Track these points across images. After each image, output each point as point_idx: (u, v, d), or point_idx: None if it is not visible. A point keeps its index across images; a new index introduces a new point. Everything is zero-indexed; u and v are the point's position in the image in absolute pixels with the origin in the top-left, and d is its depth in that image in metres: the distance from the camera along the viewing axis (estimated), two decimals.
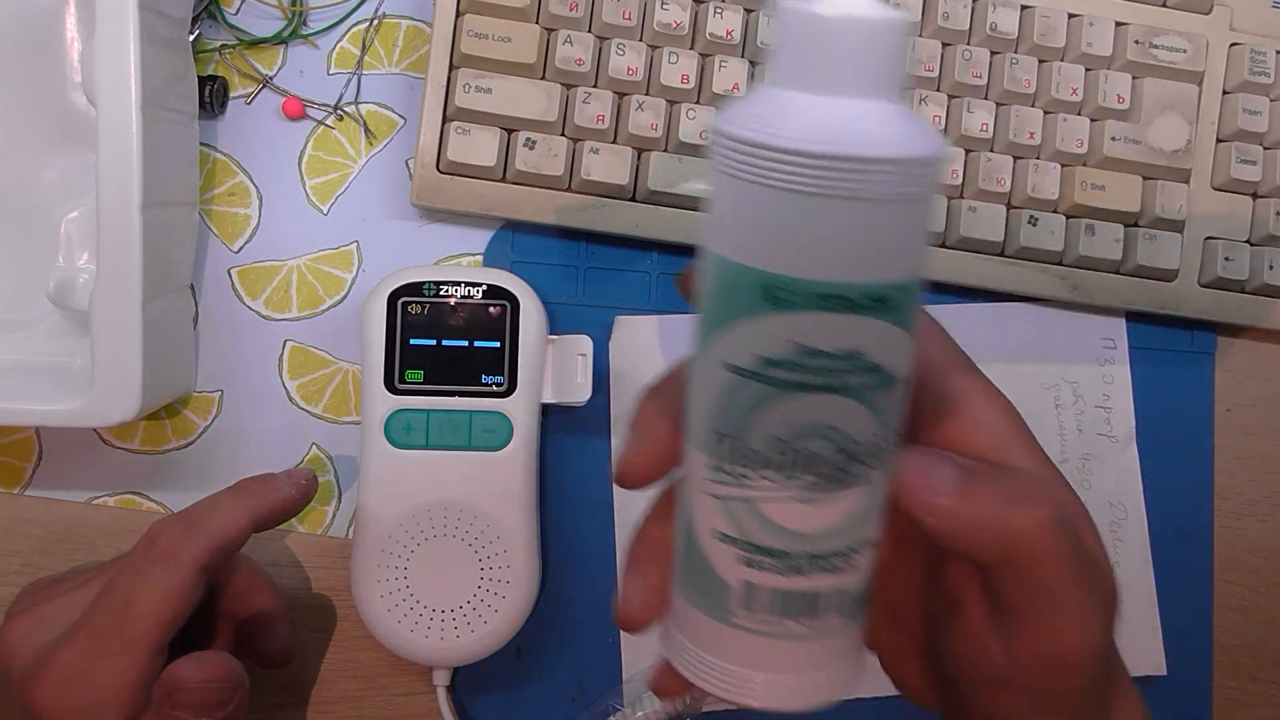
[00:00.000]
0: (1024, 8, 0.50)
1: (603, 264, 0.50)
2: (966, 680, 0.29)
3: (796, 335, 0.24)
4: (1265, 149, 0.51)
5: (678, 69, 0.48)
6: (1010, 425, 0.29)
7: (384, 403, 0.45)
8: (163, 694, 0.38)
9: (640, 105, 0.47)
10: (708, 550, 0.28)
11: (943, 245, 0.50)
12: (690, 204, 0.48)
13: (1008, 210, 0.50)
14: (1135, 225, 0.51)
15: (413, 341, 0.45)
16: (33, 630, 0.39)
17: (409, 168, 0.50)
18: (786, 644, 0.28)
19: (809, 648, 0.28)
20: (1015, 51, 0.50)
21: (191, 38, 0.48)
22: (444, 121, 0.47)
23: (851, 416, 0.25)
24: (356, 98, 0.50)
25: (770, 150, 0.23)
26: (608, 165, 0.48)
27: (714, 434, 0.26)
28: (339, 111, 0.50)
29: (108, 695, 0.37)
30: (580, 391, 0.45)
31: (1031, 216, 0.50)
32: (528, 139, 0.47)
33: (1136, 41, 0.50)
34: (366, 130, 0.50)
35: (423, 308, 0.45)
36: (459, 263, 0.50)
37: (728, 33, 0.48)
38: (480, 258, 0.50)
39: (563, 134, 0.48)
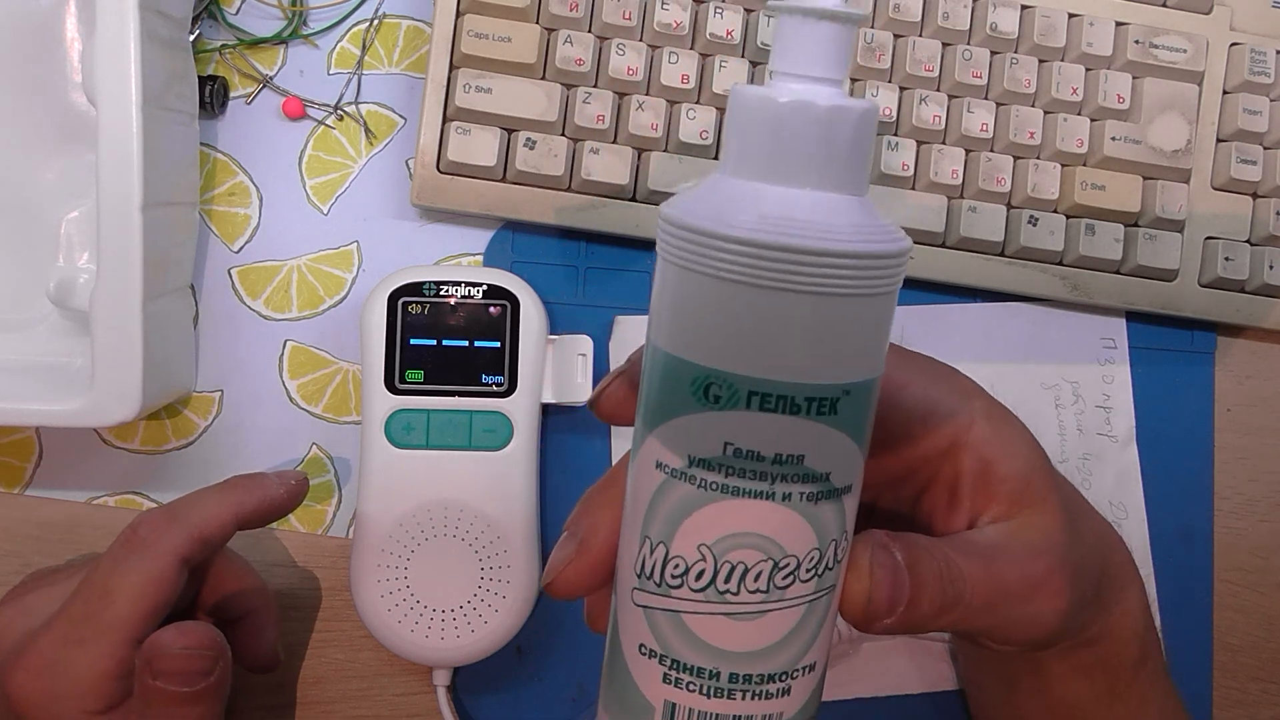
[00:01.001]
0: (1024, 8, 0.50)
1: (603, 264, 0.50)
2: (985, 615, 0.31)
3: (730, 435, 0.23)
4: (1265, 149, 0.51)
5: (678, 69, 0.48)
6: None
7: (384, 402, 0.45)
8: (143, 663, 0.37)
9: (640, 105, 0.47)
10: (631, 665, 0.26)
11: (943, 245, 0.50)
12: None
13: (1008, 210, 0.50)
14: (1135, 225, 0.51)
15: (413, 341, 0.45)
16: (16, 618, 0.40)
17: (409, 168, 0.50)
18: None
19: None
20: (1015, 51, 0.50)
21: (191, 38, 0.48)
22: (444, 121, 0.47)
23: (788, 527, 0.24)
24: (357, 98, 0.50)
25: (711, 237, 0.22)
26: (608, 165, 0.48)
27: (643, 538, 0.25)
28: (339, 111, 0.50)
29: (82, 683, 0.37)
30: (580, 391, 0.45)
31: (1031, 216, 0.50)
32: (528, 139, 0.47)
33: (1136, 41, 0.50)
34: (367, 130, 0.50)
35: (423, 308, 0.45)
36: (459, 263, 0.50)
37: (728, 33, 0.48)
38: (480, 258, 0.50)
39: (563, 134, 0.48)
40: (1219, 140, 0.51)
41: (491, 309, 0.46)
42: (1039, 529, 0.31)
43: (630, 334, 0.50)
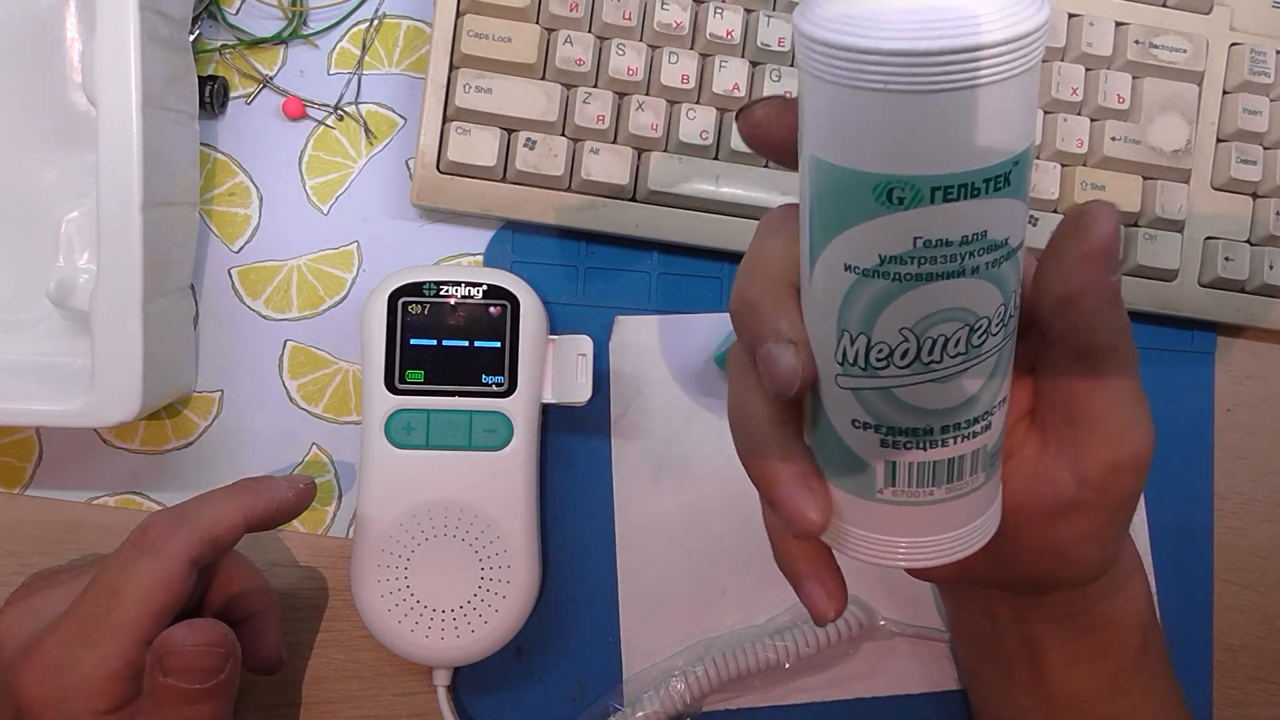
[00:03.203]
0: None
1: (603, 264, 0.50)
2: (1025, 517, 0.32)
3: (921, 230, 0.24)
4: (1265, 149, 0.51)
5: (678, 69, 0.48)
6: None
7: (384, 402, 0.45)
8: (154, 661, 0.37)
9: (640, 105, 0.47)
10: (847, 438, 0.28)
11: None
12: (690, 204, 0.48)
13: None
14: (1135, 225, 0.51)
15: (413, 341, 0.45)
16: (23, 619, 0.40)
17: (409, 168, 0.50)
18: (930, 508, 0.28)
19: (951, 506, 0.29)
20: None
21: (191, 38, 0.48)
22: (444, 121, 0.47)
23: (978, 294, 0.25)
24: (357, 98, 0.50)
25: (876, 54, 0.22)
26: (608, 165, 0.48)
27: (841, 332, 0.26)
28: (339, 111, 0.50)
29: (90, 684, 0.37)
30: (580, 391, 0.45)
31: (1031, 216, 0.50)
32: (528, 139, 0.47)
33: (1136, 41, 0.50)
34: (367, 130, 0.50)
35: (423, 308, 0.45)
36: (459, 263, 0.50)
37: (728, 33, 0.48)
38: (480, 258, 0.50)
39: (563, 134, 0.48)
40: (1219, 140, 0.51)
41: (491, 309, 0.46)
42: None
43: (630, 334, 0.50)
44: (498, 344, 0.46)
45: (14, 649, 0.39)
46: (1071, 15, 0.50)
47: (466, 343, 0.46)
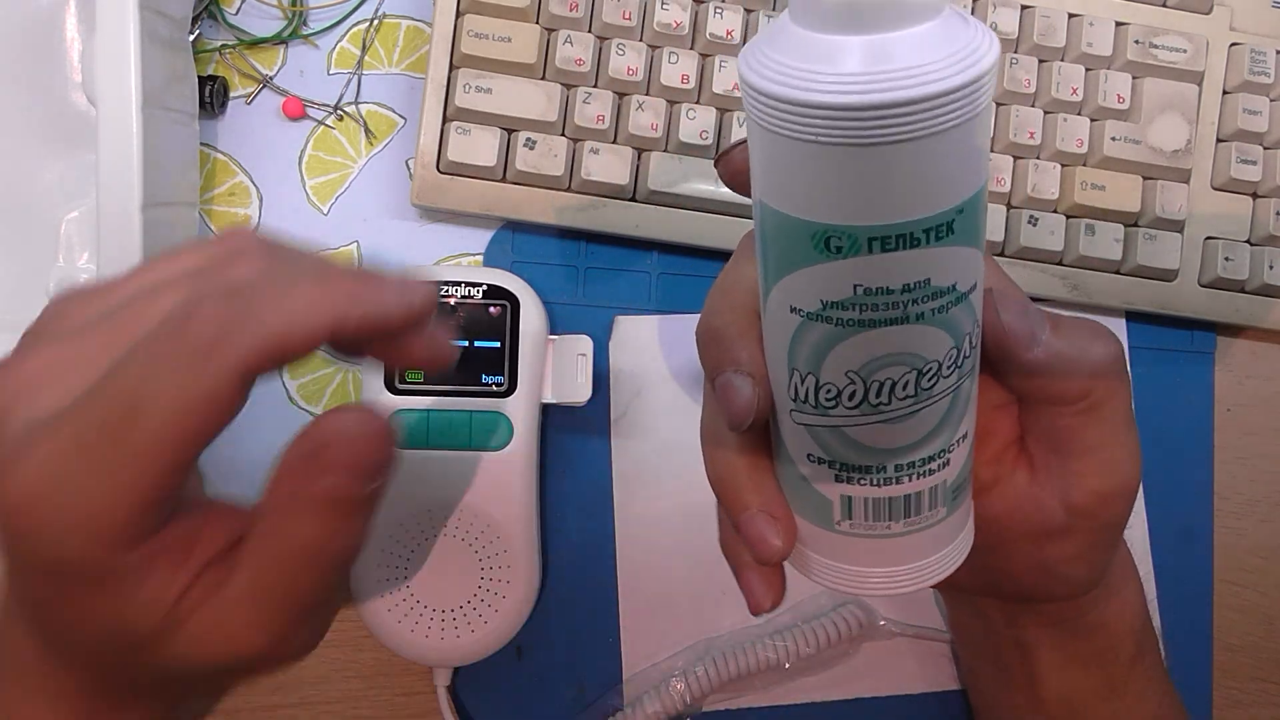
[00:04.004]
0: (1024, 8, 0.50)
1: (603, 264, 0.50)
2: (1013, 541, 0.32)
3: (860, 279, 0.24)
4: (1265, 149, 0.51)
5: (678, 69, 0.48)
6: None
7: (384, 403, 0.45)
8: (307, 452, 0.28)
9: (640, 105, 0.47)
10: (804, 470, 0.28)
11: None
12: (690, 204, 0.48)
13: (1007, 210, 0.50)
14: (1135, 225, 0.51)
15: None
16: (46, 380, 0.27)
17: (409, 168, 0.50)
18: (889, 540, 0.28)
19: (911, 540, 0.29)
20: (1015, 51, 0.50)
21: (191, 38, 0.48)
22: (444, 121, 0.47)
23: (924, 340, 0.25)
24: (357, 98, 0.50)
25: (811, 108, 0.21)
26: (608, 165, 0.48)
27: (791, 370, 0.26)
28: (339, 111, 0.50)
29: (98, 522, 0.26)
30: (580, 391, 0.45)
31: (1031, 216, 0.50)
32: (528, 139, 0.47)
33: (1136, 41, 0.50)
34: (366, 130, 0.50)
35: None
36: (459, 263, 0.50)
37: (728, 33, 0.48)
38: (480, 258, 0.50)
39: (563, 134, 0.48)
40: (1219, 140, 0.51)
41: (491, 309, 0.46)
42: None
43: (630, 334, 0.50)
44: (497, 344, 0.46)
45: (15, 431, 0.26)
46: (1071, 15, 0.50)
47: (466, 343, 0.46)
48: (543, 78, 0.48)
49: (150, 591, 0.26)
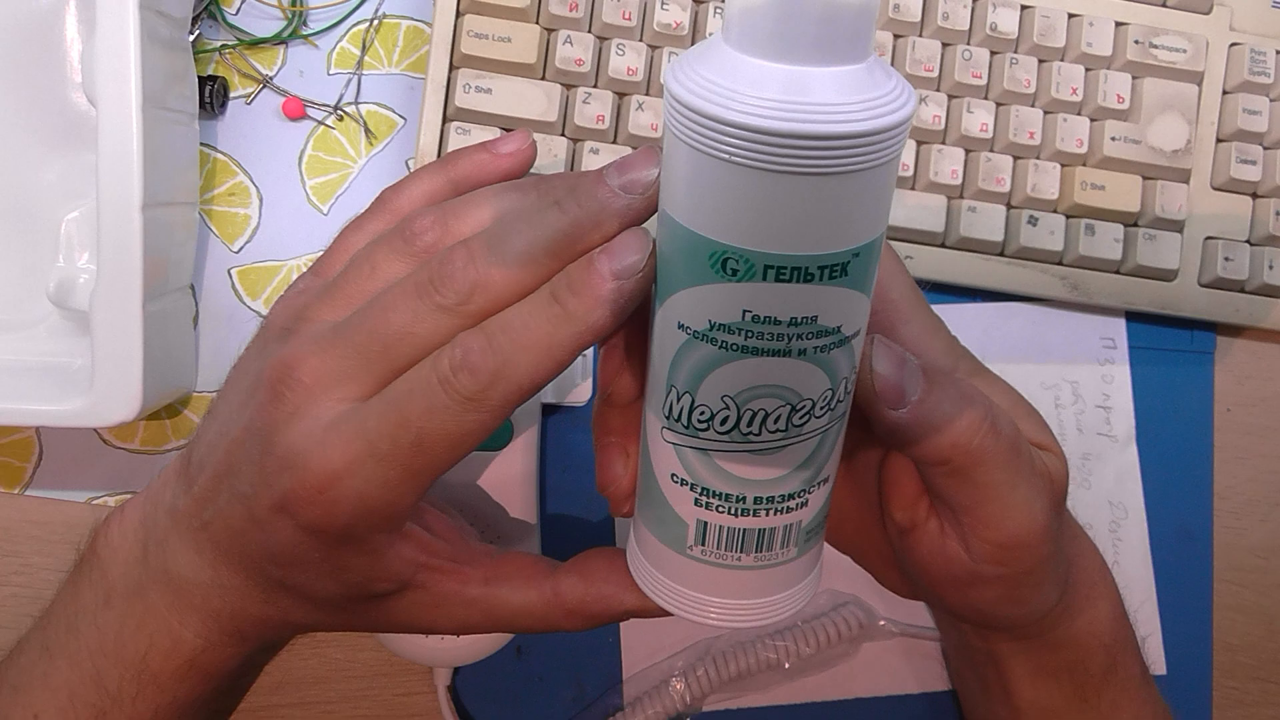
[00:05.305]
0: (1024, 8, 0.50)
1: None
2: (937, 583, 0.32)
3: (750, 305, 0.24)
4: (1265, 149, 0.51)
5: None
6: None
7: None
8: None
9: (640, 105, 0.47)
10: (665, 489, 0.28)
11: (943, 245, 0.50)
12: None
13: (1008, 210, 0.50)
14: (1135, 225, 0.51)
15: None
16: (325, 385, 0.29)
17: (409, 168, 0.50)
18: (738, 572, 0.29)
19: (759, 575, 0.29)
20: (1015, 51, 0.50)
21: (191, 38, 0.48)
22: (444, 122, 0.47)
23: (803, 376, 0.25)
24: (357, 98, 0.50)
25: (719, 123, 0.22)
26: None
27: (669, 386, 0.27)
28: (339, 111, 0.50)
29: (378, 512, 0.29)
30: (580, 392, 0.45)
31: (1031, 216, 0.50)
32: None
33: (1136, 41, 0.50)
34: (367, 130, 0.50)
35: None
36: None
37: None
38: None
39: (563, 134, 0.48)
40: (1219, 140, 0.51)
41: None
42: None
43: None
44: None
45: (315, 432, 0.29)
46: (1071, 15, 0.50)
47: None
48: (543, 78, 0.48)
49: (397, 565, 0.32)
